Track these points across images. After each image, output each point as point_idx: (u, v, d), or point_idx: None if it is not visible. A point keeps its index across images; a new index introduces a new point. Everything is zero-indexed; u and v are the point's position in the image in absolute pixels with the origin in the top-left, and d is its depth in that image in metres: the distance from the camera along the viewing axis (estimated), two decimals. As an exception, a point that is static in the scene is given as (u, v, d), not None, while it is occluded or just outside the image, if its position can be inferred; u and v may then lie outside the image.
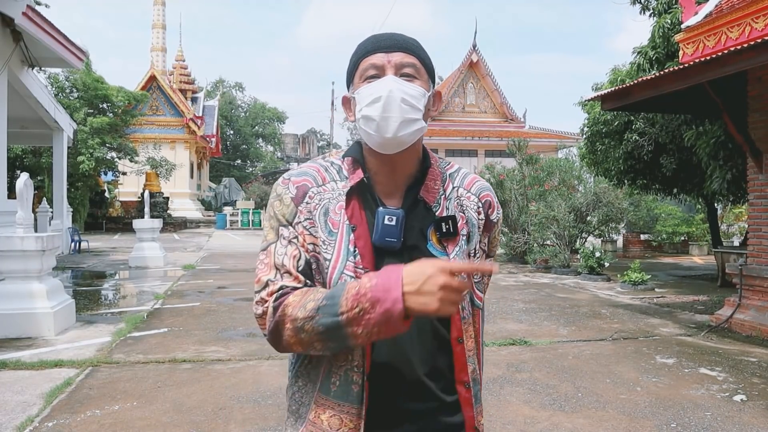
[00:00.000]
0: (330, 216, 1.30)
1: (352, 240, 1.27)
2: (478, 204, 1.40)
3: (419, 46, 1.35)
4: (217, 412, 4.33)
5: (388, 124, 1.25)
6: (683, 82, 6.83)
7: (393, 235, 1.27)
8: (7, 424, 4.05)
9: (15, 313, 6.52)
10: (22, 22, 10.63)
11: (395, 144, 1.28)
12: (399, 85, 1.27)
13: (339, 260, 1.27)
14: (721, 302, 8.23)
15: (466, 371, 1.32)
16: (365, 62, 1.31)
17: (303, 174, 1.35)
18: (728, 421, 4.22)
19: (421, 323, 1.26)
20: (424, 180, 1.36)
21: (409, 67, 1.30)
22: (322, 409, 1.27)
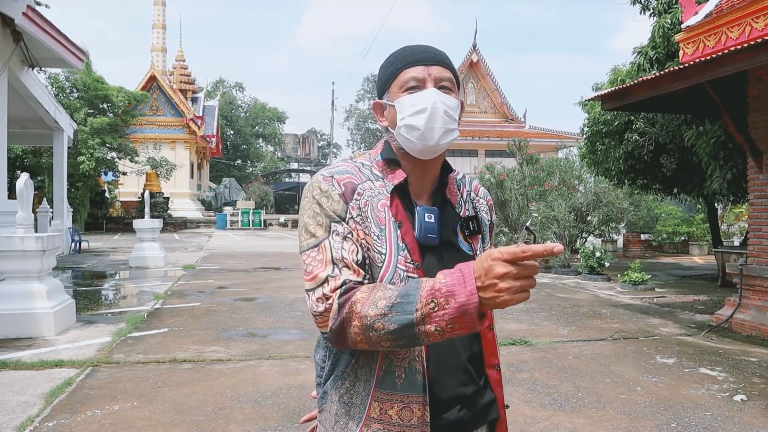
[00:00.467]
0: (376, 213, 1.36)
1: (400, 235, 1.34)
2: (486, 207, 1.56)
3: (450, 61, 1.45)
4: (217, 412, 4.32)
5: (432, 134, 1.35)
6: (683, 82, 6.83)
7: (433, 231, 1.36)
8: (8, 424, 4.05)
9: (15, 313, 6.52)
10: (23, 22, 10.63)
11: (435, 151, 1.39)
12: (442, 97, 1.36)
13: (392, 254, 1.32)
14: (721, 302, 8.23)
15: (497, 355, 1.44)
16: (405, 74, 1.39)
17: (345, 171, 1.39)
18: (728, 421, 4.22)
19: None
20: (447, 183, 1.48)
21: (447, 81, 1.40)
22: (388, 405, 1.29)
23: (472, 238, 1.45)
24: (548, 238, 14.81)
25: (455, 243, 1.43)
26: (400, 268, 1.32)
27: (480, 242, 1.47)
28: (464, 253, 1.42)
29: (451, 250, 1.41)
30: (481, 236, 1.48)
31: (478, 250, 1.45)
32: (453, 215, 1.45)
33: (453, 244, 1.42)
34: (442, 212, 1.42)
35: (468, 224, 1.45)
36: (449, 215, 1.45)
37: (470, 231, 1.45)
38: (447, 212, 1.44)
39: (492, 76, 40.15)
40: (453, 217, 1.45)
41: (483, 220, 1.51)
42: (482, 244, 1.49)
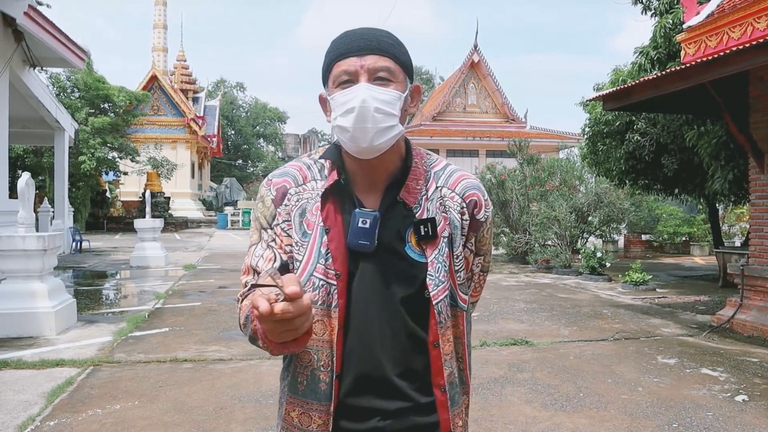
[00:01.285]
0: (306, 217, 1.30)
1: (325, 242, 1.27)
2: (462, 204, 1.36)
3: (395, 42, 1.30)
4: (218, 412, 4.32)
5: (363, 135, 1.23)
6: (685, 83, 6.82)
7: (366, 237, 1.26)
8: (9, 423, 4.05)
9: (16, 313, 6.53)
10: (24, 21, 10.64)
11: (371, 151, 1.26)
12: (372, 92, 1.23)
13: (309, 262, 1.28)
14: (722, 303, 8.22)
15: (442, 375, 1.30)
16: (338, 67, 1.27)
17: (284, 174, 1.36)
18: (730, 422, 4.21)
19: (395, 325, 1.28)
20: (405, 180, 1.33)
21: (383, 70, 1.26)
22: (291, 407, 1.31)
23: (426, 244, 1.29)
24: (549, 238, 14.82)
25: (400, 249, 1.29)
26: (317, 277, 1.26)
27: (442, 248, 1.30)
28: (411, 260, 1.29)
29: (394, 258, 1.28)
30: (449, 239, 1.32)
31: (432, 256, 1.28)
32: (405, 217, 1.30)
33: (396, 250, 1.29)
34: (391, 213, 1.30)
35: (419, 228, 1.29)
36: (399, 217, 1.30)
37: (421, 236, 1.28)
38: (397, 214, 1.30)
39: (493, 76, 40.13)
40: (404, 219, 1.30)
41: (453, 221, 1.33)
42: (448, 249, 1.31)
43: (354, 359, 1.27)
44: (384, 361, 1.27)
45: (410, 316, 1.29)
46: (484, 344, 6.48)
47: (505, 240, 16.61)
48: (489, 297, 9.87)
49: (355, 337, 1.28)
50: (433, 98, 44.62)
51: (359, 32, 1.29)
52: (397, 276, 1.28)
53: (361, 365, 1.27)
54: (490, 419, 4.24)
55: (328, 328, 1.26)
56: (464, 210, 1.35)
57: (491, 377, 5.24)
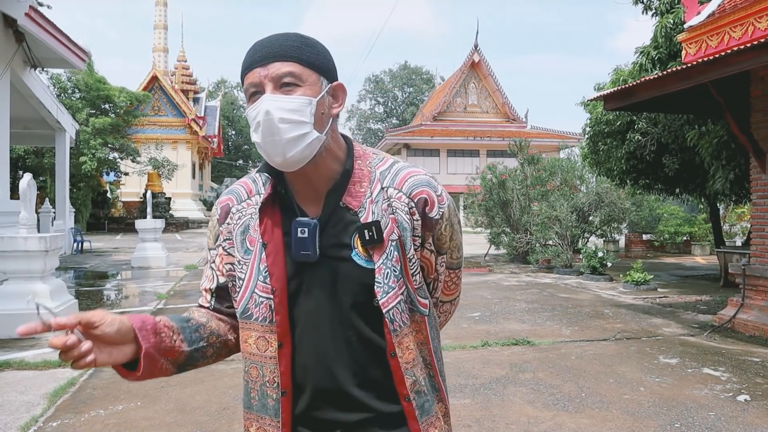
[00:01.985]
0: (249, 233, 1.27)
1: (263, 258, 1.24)
2: (410, 204, 1.26)
3: (302, 44, 1.22)
4: (220, 412, 4.33)
5: (274, 148, 1.18)
6: (686, 82, 6.82)
7: (307, 247, 1.21)
8: (12, 423, 4.06)
9: (18, 314, 6.52)
10: (25, 22, 10.66)
11: (290, 164, 1.20)
12: (277, 103, 1.17)
13: (251, 280, 1.25)
14: (724, 302, 8.22)
15: (404, 384, 1.24)
16: (246, 80, 1.22)
17: (229, 192, 1.35)
18: (732, 422, 4.21)
19: (347, 335, 1.23)
20: (347, 184, 1.26)
21: (287, 76, 1.19)
22: (249, 422, 1.30)
23: (372, 249, 1.21)
24: (550, 238, 14.83)
25: (346, 256, 1.22)
26: (258, 293, 1.24)
27: (390, 252, 1.22)
28: (359, 267, 1.22)
29: (341, 265, 1.22)
30: (398, 242, 1.23)
31: (380, 261, 1.21)
32: (349, 222, 1.24)
33: (342, 258, 1.23)
34: (334, 219, 1.24)
35: (363, 233, 1.21)
36: (342, 223, 1.24)
37: (366, 241, 1.21)
38: (340, 219, 1.24)
39: (493, 76, 40.19)
40: (348, 225, 1.24)
41: (401, 223, 1.24)
42: (398, 253, 1.23)
43: (308, 373, 1.24)
44: (340, 373, 1.23)
45: (365, 324, 1.23)
46: (485, 344, 6.48)
47: (506, 240, 16.61)
48: (490, 297, 9.88)
49: (306, 351, 1.24)
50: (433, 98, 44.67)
51: (264, 41, 1.23)
52: (344, 284, 1.23)
53: (317, 379, 1.23)
54: (492, 419, 4.24)
55: (271, 344, 1.23)
56: (413, 210, 1.26)
57: (493, 377, 5.25)
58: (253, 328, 1.26)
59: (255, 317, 1.25)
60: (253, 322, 1.25)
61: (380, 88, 67.44)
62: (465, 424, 4.15)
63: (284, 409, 1.23)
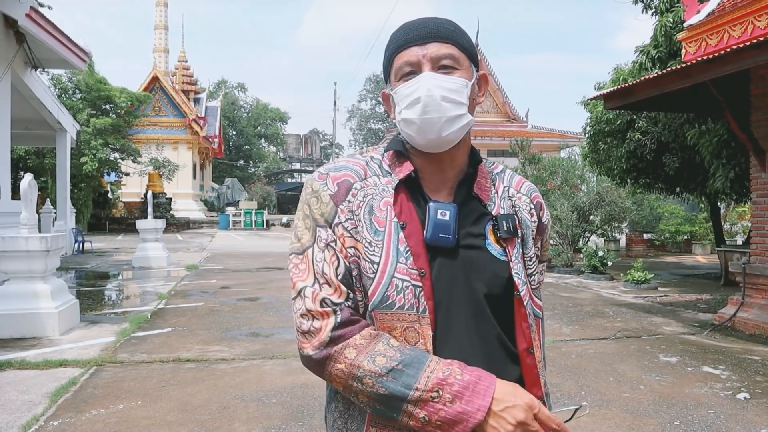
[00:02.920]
0: (375, 214, 1.18)
1: (402, 239, 1.16)
2: (530, 205, 1.30)
3: (456, 29, 1.23)
4: (221, 411, 4.34)
5: (431, 127, 1.16)
6: (686, 81, 6.83)
7: (447, 231, 1.16)
8: (13, 422, 4.07)
9: (19, 313, 6.55)
10: (26, 23, 10.67)
11: (442, 143, 1.19)
12: (437, 81, 1.17)
13: (389, 263, 1.14)
14: (724, 301, 8.23)
15: (539, 385, 1.21)
16: (399, 59, 1.21)
17: (343, 168, 1.23)
18: (731, 419, 4.22)
19: (484, 328, 1.17)
20: (475, 176, 1.27)
21: (447, 58, 1.19)
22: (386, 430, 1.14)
23: (506, 241, 1.21)
24: (551, 237, 14.82)
25: (482, 245, 1.20)
26: (399, 278, 1.13)
27: (519, 247, 1.23)
28: (493, 257, 1.20)
29: (476, 254, 1.19)
30: (521, 239, 1.25)
31: (513, 255, 1.21)
32: (481, 213, 1.23)
33: (478, 247, 1.20)
34: (466, 209, 1.22)
35: (501, 224, 1.22)
36: (475, 212, 1.23)
37: (504, 232, 1.21)
38: (472, 209, 1.23)
39: (494, 75, 40.18)
40: (481, 214, 1.23)
41: (524, 221, 1.27)
42: (522, 249, 1.24)
43: None
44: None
45: (498, 319, 1.18)
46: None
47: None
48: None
49: (446, 344, 1.14)
50: (434, 98, 44.59)
51: (418, 21, 1.23)
52: (480, 275, 1.18)
53: None
54: (492, 418, 4.25)
55: (421, 335, 1.13)
56: (533, 211, 1.30)
57: (493, 376, 5.25)
58: (398, 319, 1.14)
59: (399, 305, 1.13)
60: (397, 311, 1.14)
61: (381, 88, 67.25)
62: (465, 422, 4.15)
63: None
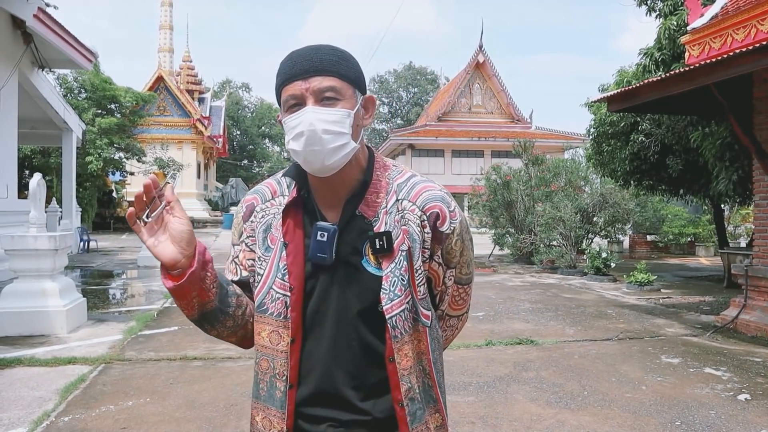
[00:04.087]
0: (271, 232, 1.35)
1: (283, 257, 1.31)
2: (422, 217, 1.33)
3: (340, 58, 1.30)
4: (228, 408, 4.40)
5: (315, 157, 1.25)
6: (689, 84, 6.87)
7: (324, 250, 1.28)
8: (25, 418, 4.14)
9: (28, 311, 6.62)
10: (33, 23, 10.76)
11: (326, 170, 1.28)
12: (318, 115, 1.24)
13: (269, 276, 1.33)
14: (726, 303, 8.27)
15: (399, 390, 1.29)
16: (285, 92, 1.28)
17: (255, 192, 1.43)
18: (732, 420, 4.27)
19: (350, 338, 1.30)
20: (364, 193, 1.33)
21: (329, 90, 1.26)
22: (255, 411, 1.37)
23: (382, 257, 1.28)
24: (554, 239, 14.87)
25: (357, 263, 1.29)
26: (275, 290, 1.31)
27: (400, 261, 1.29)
28: (368, 273, 1.29)
29: (352, 271, 1.29)
30: (407, 253, 1.30)
31: (388, 270, 1.28)
32: (362, 230, 1.31)
33: (353, 264, 1.30)
34: (350, 226, 1.31)
35: (374, 242, 1.28)
36: (357, 230, 1.31)
37: (376, 250, 1.28)
38: (355, 227, 1.31)
39: (498, 76, 40.22)
40: (362, 233, 1.31)
41: (411, 235, 1.31)
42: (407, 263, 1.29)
43: (310, 371, 1.31)
44: (337, 374, 1.29)
45: (368, 329, 1.30)
46: (489, 343, 6.55)
47: (510, 240, 16.66)
48: (494, 297, 9.93)
49: (311, 350, 1.31)
50: (438, 99, 44.71)
51: (303, 53, 1.29)
52: (353, 289, 1.30)
53: (317, 377, 1.30)
54: (496, 416, 4.31)
55: (284, 339, 1.31)
56: (425, 223, 1.33)
57: (497, 375, 5.31)
58: (267, 322, 1.33)
59: (270, 312, 1.32)
60: (268, 316, 1.33)
61: (385, 89, 67.46)
62: (469, 421, 4.21)
63: (290, 401, 1.31)
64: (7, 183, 11.26)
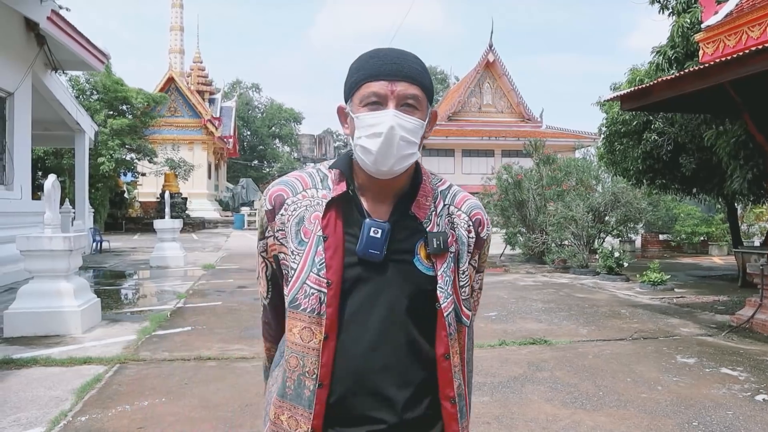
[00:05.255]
0: (304, 225, 1.33)
1: (320, 251, 1.29)
2: (469, 222, 1.39)
3: (423, 69, 1.33)
4: (243, 409, 4.42)
5: (386, 160, 1.27)
6: (704, 82, 6.82)
7: (376, 247, 1.28)
8: (42, 417, 4.17)
9: (43, 312, 6.67)
10: (47, 26, 10.85)
11: (389, 174, 1.31)
12: (400, 120, 1.27)
13: (303, 270, 1.31)
14: (741, 302, 8.20)
15: (452, 386, 1.33)
16: (367, 87, 1.29)
17: (282, 183, 1.40)
18: (750, 421, 4.24)
19: (396, 336, 1.30)
20: (415, 195, 1.36)
21: (412, 98, 1.29)
22: (281, 410, 1.34)
23: (436, 257, 1.32)
24: (566, 238, 14.81)
25: (409, 260, 1.31)
26: (309, 285, 1.29)
27: (449, 262, 1.33)
28: (419, 271, 1.31)
29: (403, 269, 1.30)
30: (455, 255, 1.35)
31: (441, 269, 1.31)
32: (415, 230, 1.33)
33: (405, 262, 1.31)
34: (400, 226, 1.32)
35: (432, 241, 1.31)
36: (408, 230, 1.33)
37: (433, 249, 1.31)
38: (406, 226, 1.33)
39: (508, 75, 40.05)
40: (415, 232, 1.33)
41: (460, 238, 1.37)
42: (454, 264, 1.35)
43: (345, 369, 1.29)
44: (379, 373, 1.28)
45: (417, 328, 1.31)
46: (503, 343, 6.53)
47: (522, 240, 16.60)
48: (507, 297, 9.91)
49: (346, 348, 1.29)
50: (448, 98, 44.59)
51: (391, 55, 1.31)
52: (404, 287, 1.30)
53: (354, 377, 1.28)
54: (511, 416, 4.29)
55: (316, 336, 1.29)
56: (471, 228, 1.39)
57: (511, 376, 5.29)
58: (299, 318, 1.31)
59: (303, 308, 1.30)
60: (300, 312, 1.31)
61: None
62: (484, 421, 4.20)
63: (319, 400, 1.28)
64: (21, 184, 11.34)
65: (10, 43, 10.96)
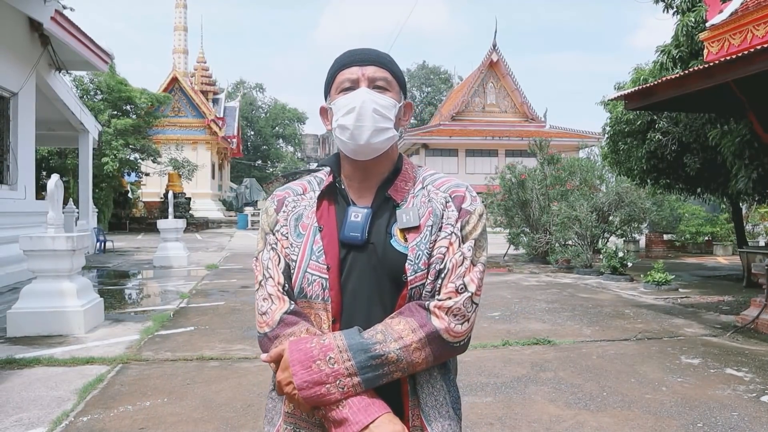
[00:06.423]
0: (302, 221, 1.43)
1: (317, 240, 1.39)
2: (447, 198, 1.41)
3: (391, 60, 1.47)
4: (246, 409, 4.40)
5: (361, 133, 1.37)
6: (708, 81, 6.78)
7: (357, 230, 1.37)
8: (45, 417, 4.16)
9: (46, 311, 6.67)
10: (50, 26, 10.85)
11: (368, 151, 1.40)
12: (371, 96, 1.39)
13: (303, 260, 1.39)
14: (746, 303, 8.16)
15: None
16: (341, 75, 1.42)
17: (286, 188, 1.53)
18: (756, 422, 4.20)
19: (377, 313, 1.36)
20: (394, 180, 1.45)
21: (382, 80, 1.42)
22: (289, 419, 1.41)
23: (408, 232, 1.36)
24: (570, 238, 14.77)
25: (387, 243, 1.37)
26: (310, 273, 1.37)
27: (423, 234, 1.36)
28: (396, 250, 1.36)
29: (382, 250, 1.36)
30: (432, 228, 1.37)
31: (414, 242, 1.35)
32: (392, 214, 1.41)
33: (384, 244, 1.37)
34: (381, 210, 1.41)
35: (401, 216, 1.38)
36: (387, 214, 1.41)
37: (402, 223, 1.37)
38: (386, 210, 1.41)
39: (512, 75, 40.01)
40: (392, 215, 1.41)
41: (434, 211, 1.39)
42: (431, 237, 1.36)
43: None
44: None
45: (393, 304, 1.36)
46: (506, 344, 6.50)
47: (525, 240, 16.56)
48: (510, 297, 9.88)
49: (348, 326, 1.34)
50: (452, 98, 44.58)
51: (360, 48, 1.46)
52: (383, 267, 1.36)
53: None
54: (514, 417, 4.27)
55: (324, 320, 1.36)
56: (449, 203, 1.41)
57: (514, 376, 5.27)
58: (308, 306, 1.39)
59: (309, 295, 1.38)
60: (308, 300, 1.38)
61: (396, 89, 67.36)
62: (487, 422, 4.18)
63: None
64: (25, 184, 11.36)
65: (14, 43, 10.98)
